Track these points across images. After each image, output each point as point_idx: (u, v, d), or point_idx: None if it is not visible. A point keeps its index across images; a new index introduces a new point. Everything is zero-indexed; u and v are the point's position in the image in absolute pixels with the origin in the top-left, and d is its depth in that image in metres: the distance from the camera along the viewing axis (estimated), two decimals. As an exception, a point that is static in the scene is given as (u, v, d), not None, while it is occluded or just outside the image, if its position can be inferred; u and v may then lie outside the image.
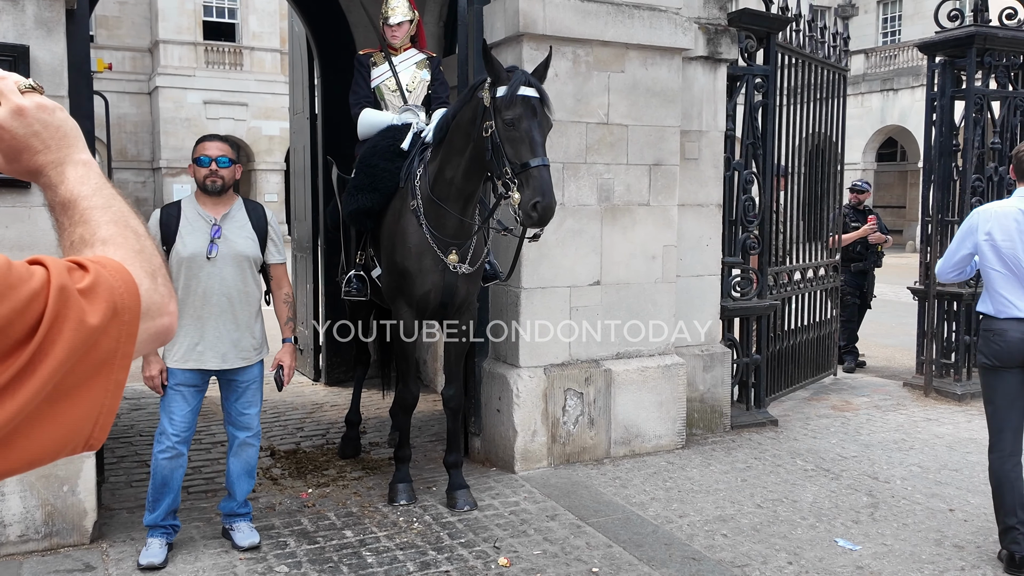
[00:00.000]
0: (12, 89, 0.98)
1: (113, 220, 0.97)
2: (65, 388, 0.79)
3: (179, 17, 29.50)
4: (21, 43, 3.83)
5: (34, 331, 0.77)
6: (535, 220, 3.83)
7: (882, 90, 28.57)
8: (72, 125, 1.02)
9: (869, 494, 4.99)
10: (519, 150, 3.87)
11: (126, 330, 0.85)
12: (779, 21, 6.38)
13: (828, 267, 7.90)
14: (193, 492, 4.92)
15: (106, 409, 0.84)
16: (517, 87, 3.90)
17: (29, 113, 0.98)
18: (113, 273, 0.86)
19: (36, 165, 1.00)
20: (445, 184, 4.36)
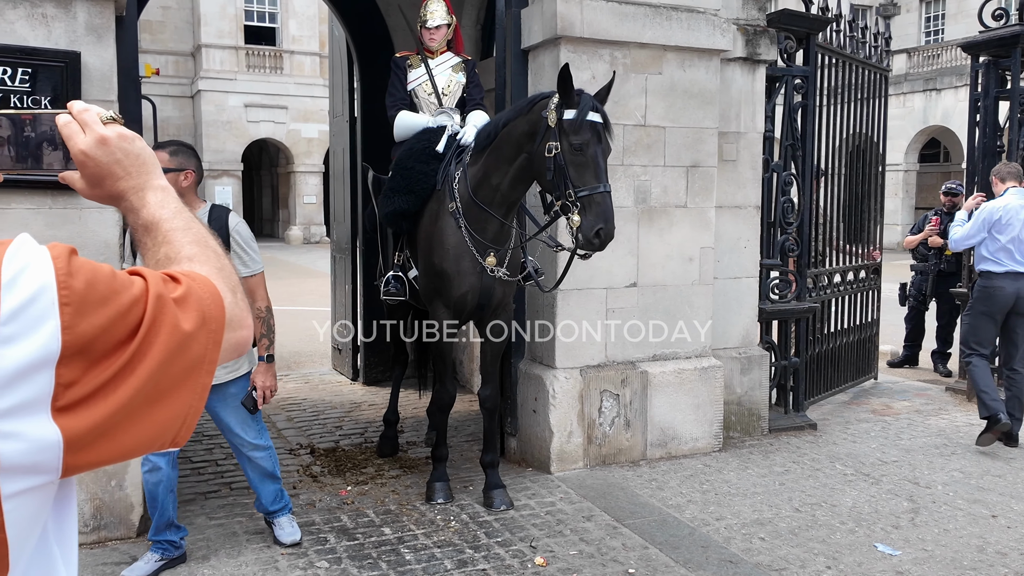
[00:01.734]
0: (95, 120, 1.05)
1: (194, 240, 1.05)
2: (161, 389, 0.86)
3: (221, 21, 30.01)
4: (73, 49, 3.94)
5: (134, 333, 0.83)
6: (596, 246, 3.94)
7: (925, 90, 28.10)
8: (149, 153, 1.09)
9: (910, 499, 4.93)
10: (584, 175, 3.93)
11: (213, 338, 0.92)
12: (819, 21, 6.33)
13: (868, 269, 7.81)
14: (236, 488, 5.02)
15: (193, 410, 0.91)
16: (586, 112, 3.94)
17: (112, 142, 1.05)
18: (201, 286, 0.93)
19: (118, 190, 1.07)
20: (490, 190, 4.40)
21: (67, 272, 0.81)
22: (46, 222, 3.88)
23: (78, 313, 0.80)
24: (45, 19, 3.93)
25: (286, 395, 7.43)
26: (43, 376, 0.78)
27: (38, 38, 3.90)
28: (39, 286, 0.79)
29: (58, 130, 1.06)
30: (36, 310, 0.78)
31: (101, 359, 0.81)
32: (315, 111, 30.13)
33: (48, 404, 0.78)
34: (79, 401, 0.80)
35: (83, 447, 0.81)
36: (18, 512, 0.80)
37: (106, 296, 0.83)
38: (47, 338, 0.78)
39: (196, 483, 5.12)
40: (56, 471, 0.81)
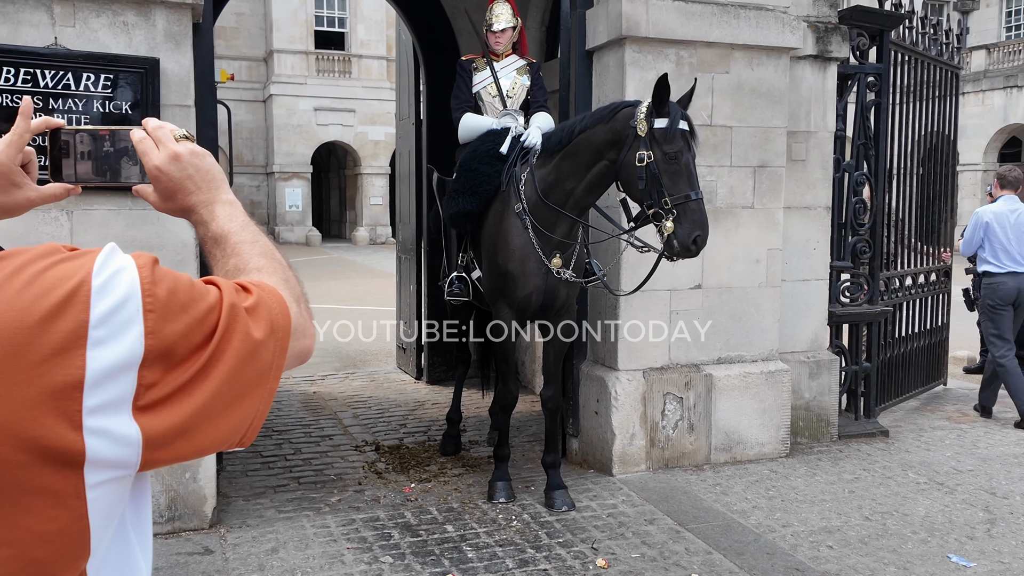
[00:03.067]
0: (169, 137, 1.11)
1: (262, 253, 1.10)
2: (234, 392, 0.90)
3: (292, 27, 30.70)
4: (152, 56, 4.09)
5: (210, 339, 0.88)
6: (693, 252, 4.00)
7: (1005, 87, 27.05)
8: (218, 169, 1.15)
9: (986, 510, 4.76)
10: (677, 183, 3.97)
11: (280, 345, 0.96)
12: (893, 18, 6.17)
13: (939, 272, 7.57)
14: (304, 483, 5.13)
15: (259, 413, 0.96)
16: (677, 121, 3.98)
17: (184, 158, 1.11)
18: (270, 296, 0.98)
19: (189, 204, 1.13)
20: (563, 194, 4.42)
21: (151, 280, 0.86)
22: (127, 223, 4.03)
23: (160, 319, 0.84)
24: (126, 27, 4.08)
25: (352, 392, 7.57)
26: (127, 377, 0.82)
27: (119, 45, 4.06)
28: (126, 293, 0.83)
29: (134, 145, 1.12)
30: (123, 315, 0.82)
31: (180, 363, 0.86)
32: (382, 114, 30.59)
33: (130, 404, 0.83)
34: (158, 402, 0.84)
35: (161, 445, 0.85)
36: (100, 501, 0.84)
37: (186, 304, 0.87)
38: (132, 342, 0.82)
39: (266, 477, 5.26)
40: (135, 466, 0.85)
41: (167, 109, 4.14)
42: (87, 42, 4.01)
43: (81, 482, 0.82)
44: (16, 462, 0.78)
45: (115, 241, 0.89)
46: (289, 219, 31.23)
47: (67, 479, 0.81)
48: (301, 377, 8.19)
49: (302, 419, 6.67)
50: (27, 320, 0.78)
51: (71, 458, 0.80)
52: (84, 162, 1.16)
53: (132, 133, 1.12)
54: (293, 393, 7.56)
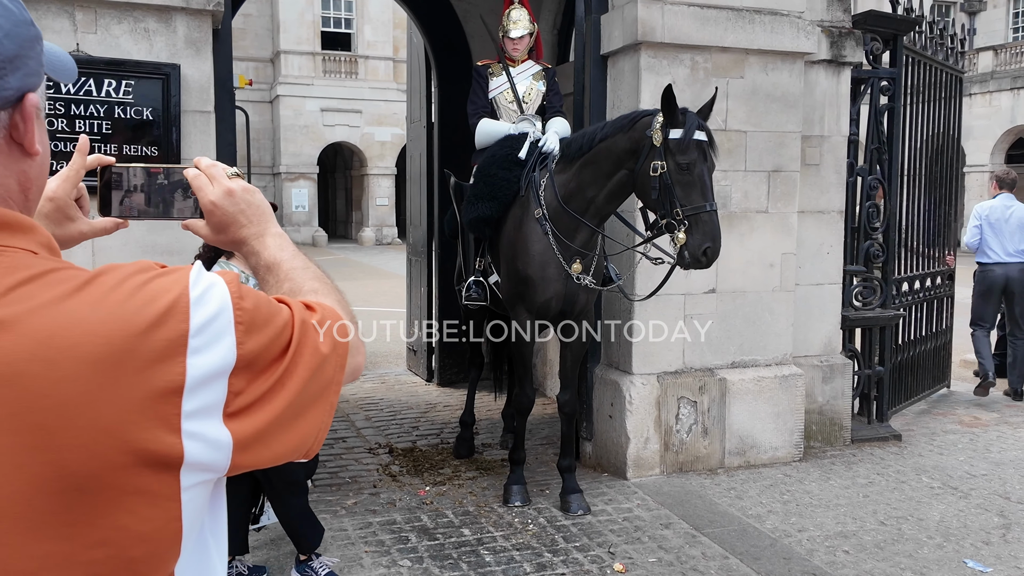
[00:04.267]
0: (222, 174, 1.17)
1: (314, 277, 1.16)
2: (304, 403, 0.95)
3: (299, 28, 30.75)
4: (173, 62, 4.12)
5: (286, 351, 0.93)
6: (703, 264, 4.01)
7: (1012, 88, 27.00)
8: (267, 204, 1.22)
9: (1001, 514, 4.77)
10: (690, 194, 3.97)
11: (340, 361, 1.01)
12: (906, 22, 6.18)
13: (944, 275, 7.59)
14: (320, 486, 5.15)
15: (324, 425, 1.01)
16: (692, 131, 3.97)
17: (237, 194, 1.17)
18: (331, 315, 1.04)
19: (240, 237, 1.19)
20: (584, 201, 4.44)
21: (239, 295, 0.91)
22: (147, 228, 4.04)
23: (248, 331, 0.90)
24: (147, 33, 4.11)
25: (364, 395, 7.59)
26: (220, 384, 0.88)
27: (140, 51, 4.09)
28: (220, 306, 0.89)
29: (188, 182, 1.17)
30: (218, 326, 0.88)
31: (261, 372, 0.91)
32: (388, 115, 30.63)
33: (221, 410, 0.88)
34: (245, 408, 0.90)
35: (247, 449, 0.90)
36: (192, 503, 0.89)
37: (268, 317, 0.93)
38: (226, 351, 0.88)
39: (281, 480, 5.27)
40: (224, 469, 0.91)
41: (188, 115, 4.17)
42: (109, 48, 4.04)
43: (177, 484, 0.86)
44: (119, 464, 0.82)
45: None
46: (295, 220, 31.27)
47: (164, 481, 0.85)
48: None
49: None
50: (132, 329, 0.83)
51: (170, 460, 0.84)
52: (136, 195, 1.20)
53: (187, 171, 1.18)
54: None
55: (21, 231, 0.90)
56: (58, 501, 0.81)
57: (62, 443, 0.80)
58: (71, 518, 0.82)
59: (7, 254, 0.86)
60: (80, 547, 0.82)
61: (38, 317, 0.81)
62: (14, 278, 0.84)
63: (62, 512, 0.81)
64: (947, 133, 7.42)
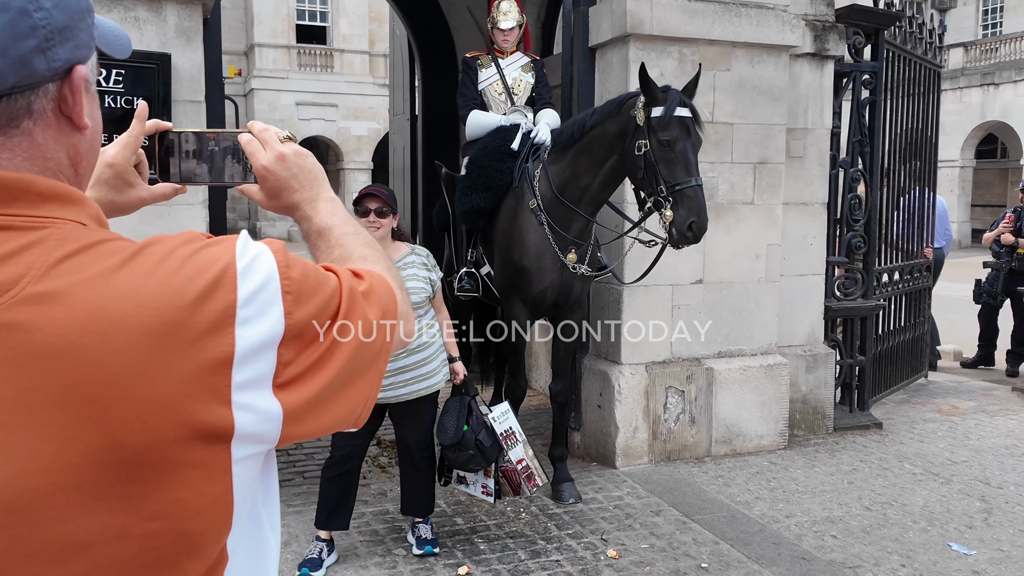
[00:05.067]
0: (275, 139, 1.16)
1: (365, 243, 1.15)
2: (354, 372, 0.94)
3: (274, 21, 30.47)
4: (164, 51, 4.09)
5: (334, 321, 0.92)
6: (690, 239, 3.98)
7: (982, 84, 27.46)
8: (320, 169, 1.20)
9: (982, 499, 4.88)
10: (674, 170, 3.97)
11: (390, 330, 1.01)
12: (888, 16, 6.27)
13: (922, 267, 7.73)
14: (309, 477, 5.15)
15: (372, 394, 1.00)
16: (673, 108, 3.98)
17: (289, 159, 1.15)
18: (380, 282, 1.03)
19: (293, 202, 1.18)
20: (579, 190, 4.45)
21: (286, 264, 0.90)
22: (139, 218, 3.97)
23: (296, 301, 0.89)
24: (137, 22, 4.08)
25: (349, 388, 7.55)
26: (269, 355, 0.86)
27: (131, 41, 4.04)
28: (267, 275, 0.88)
29: (241, 147, 1.16)
30: (266, 296, 0.87)
31: (310, 342, 0.90)
32: (364, 109, 30.46)
33: (271, 380, 0.87)
34: (295, 379, 0.88)
35: (296, 420, 0.89)
36: (243, 476, 0.88)
37: (315, 287, 0.92)
38: (274, 321, 0.87)
39: (270, 472, 5.26)
40: (274, 440, 0.90)
41: (178, 105, 4.14)
42: (99, 37, 3.99)
43: (228, 456, 0.85)
44: (173, 436, 0.81)
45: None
46: (270, 214, 30.98)
47: (217, 453, 0.84)
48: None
49: (301, 414, 6.67)
50: (182, 300, 0.82)
51: (221, 432, 0.84)
52: (188, 161, 1.20)
53: (240, 136, 1.16)
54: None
55: (71, 203, 0.89)
56: (113, 474, 0.80)
57: (116, 416, 0.79)
58: (127, 491, 0.81)
59: (57, 226, 0.85)
60: (136, 520, 0.82)
61: (89, 289, 0.81)
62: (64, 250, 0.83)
63: (117, 485, 0.81)
64: (925, 127, 7.54)
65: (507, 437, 4.06)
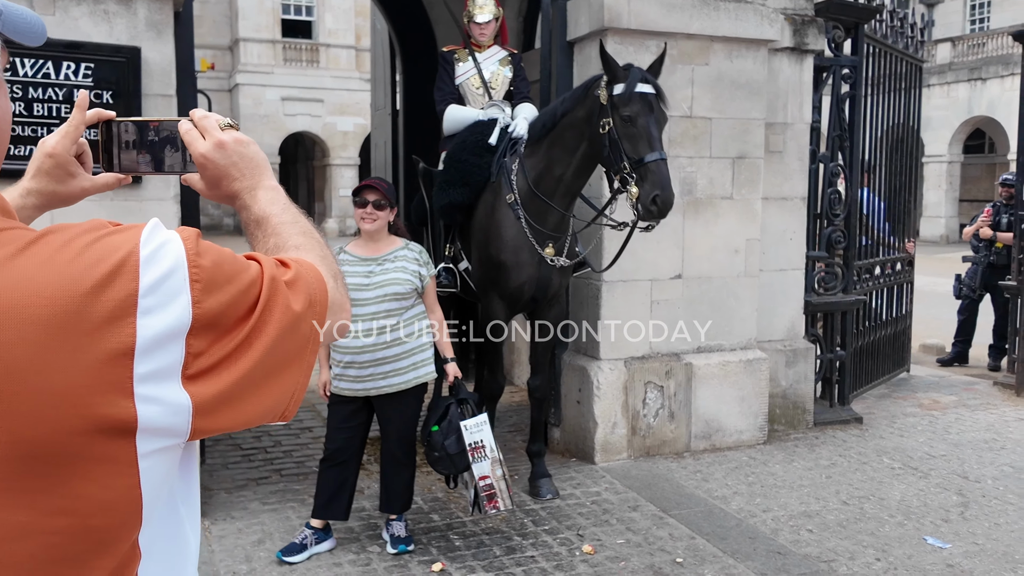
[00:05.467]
0: (215, 126, 1.14)
1: (301, 232, 1.12)
2: (275, 363, 0.92)
3: (258, 15, 30.30)
4: (134, 44, 4.04)
5: (252, 311, 0.90)
6: (655, 214, 3.94)
7: (969, 79, 27.54)
8: (262, 157, 1.17)
9: (959, 493, 4.89)
10: (637, 145, 3.95)
11: (318, 319, 0.98)
12: (868, 11, 6.27)
13: (904, 262, 7.75)
14: (286, 475, 5.12)
15: (300, 386, 0.97)
16: (634, 84, 3.97)
17: (229, 146, 1.13)
18: (308, 271, 1.00)
19: (233, 191, 1.15)
20: (553, 181, 4.43)
21: (196, 252, 0.88)
22: (108, 214, 3.95)
23: (206, 290, 0.86)
24: (107, 15, 4.03)
25: (330, 384, 7.52)
26: (176, 346, 0.84)
27: (100, 34, 4.00)
28: (173, 263, 0.85)
29: (180, 135, 1.14)
30: (171, 285, 0.84)
31: (225, 333, 0.88)
32: (350, 104, 30.33)
33: (179, 372, 0.85)
34: (206, 370, 0.86)
35: (209, 413, 0.87)
36: (152, 471, 0.86)
37: (230, 276, 0.89)
38: (180, 311, 0.84)
39: (247, 470, 5.23)
40: (185, 434, 0.87)
41: (149, 99, 4.09)
42: (68, 31, 3.95)
43: (134, 450, 0.83)
44: (74, 429, 0.79)
45: None
46: (258, 210, 30.88)
47: (121, 447, 0.82)
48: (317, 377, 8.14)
49: (281, 411, 6.63)
50: (79, 289, 0.80)
51: (124, 425, 0.82)
52: (129, 152, 1.17)
53: (180, 124, 1.14)
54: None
55: None
56: (13, 469, 0.79)
57: (13, 409, 0.77)
58: (29, 486, 0.80)
59: None
60: (39, 515, 0.81)
61: None
62: None
63: (18, 481, 0.79)
64: (907, 121, 7.55)
65: (474, 449, 3.94)
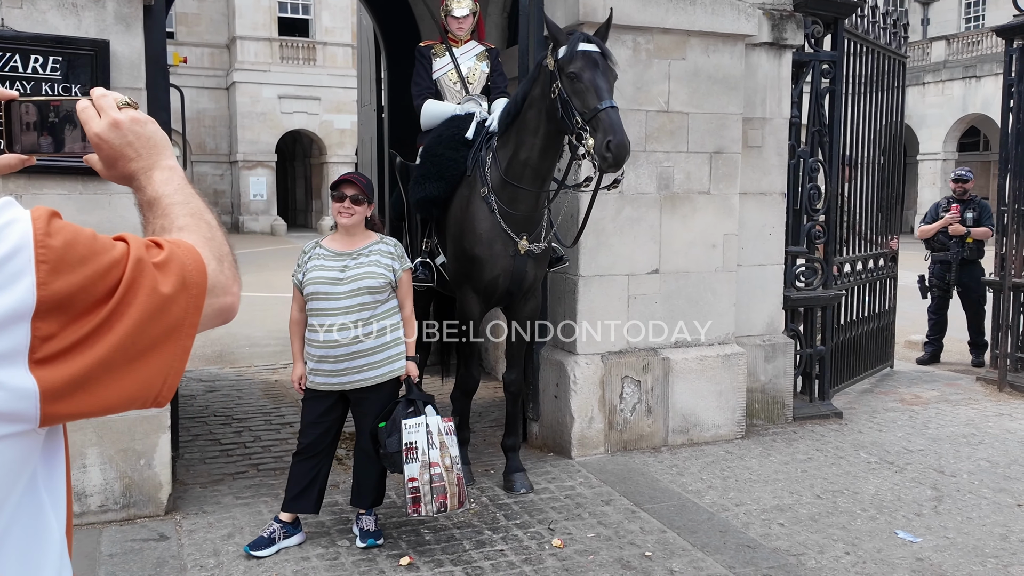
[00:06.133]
0: (112, 105, 1.12)
1: (190, 213, 1.10)
2: (139, 347, 0.90)
3: (255, 14, 30.28)
4: (102, 38, 4.04)
5: (112, 293, 0.88)
6: (610, 161, 3.85)
7: (964, 77, 27.53)
8: (162, 136, 1.15)
9: (934, 488, 4.89)
10: (585, 99, 3.95)
11: (194, 303, 0.96)
12: (847, 6, 6.26)
13: (887, 257, 7.75)
14: (263, 470, 5.12)
15: (174, 371, 0.95)
16: (577, 44, 4.01)
17: (124, 126, 1.11)
18: (185, 252, 0.98)
19: (129, 171, 1.14)
20: (520, 165, 4.43)
21: (45, 232, 0.85)
22: (77, 207, 3.98)
23: (54, 271, 0.84)
24: (75, 8, 4.02)
25: (314, 380, 7.52)
26: (20, 329, 0.82)
27: (69, 27, 4.00)
28: (17, 244, 0.83)
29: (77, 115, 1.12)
30: (13, 266, 0.82)
31: (79, 316, 0.86)
32: (347, 102, 30.26)
33: (25, 356, 0.83)
34: (56, 355, 0.84)
35: (60, 398, 0.85)
36: (2, 457, 0.84)
37: (85, 256, 0.87)
38: (23, 292, 0.82)
39: (225, 464, 5.24)
40: (34, 420, 0.85)
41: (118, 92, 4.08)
42: (35, 24, 3.95)
43: None
44: None
45: None
46: (253, 208, 30.90)
47: None
48: (263, 365, 8.15)
49: (263, 407, 6.64)
50: None
51: None
52: (30, 132, 1.15)
53: (78, 103, 1.12)
54: (254, 381, 7.52)
55: None
56: None
57: None
58: None
59: None
60: None
61: None
62: None
63: None
64: (890, 117, 7.55)
65: (408, 450, 3.85)
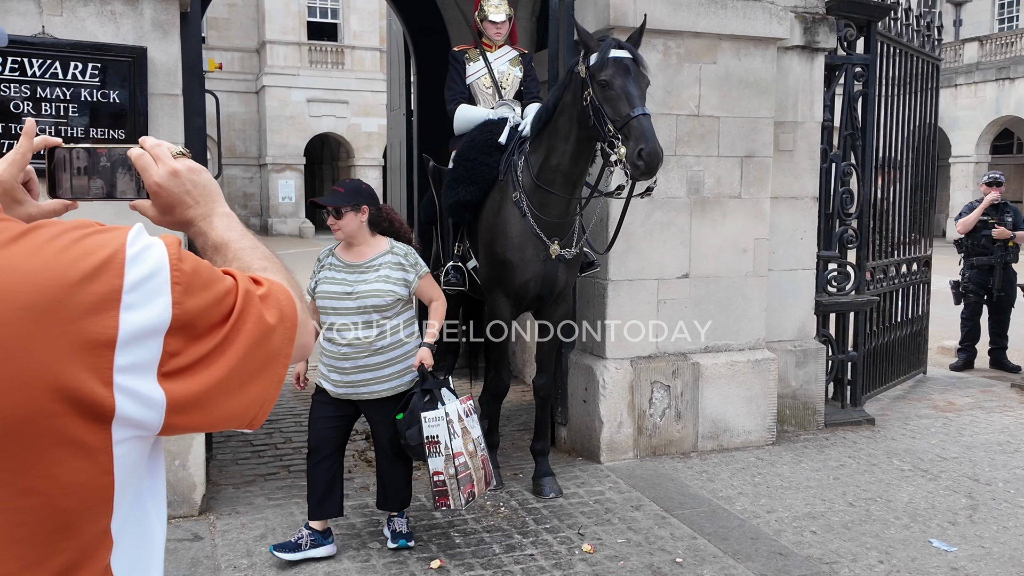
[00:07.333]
0: (167, 154, 1.16)
1: (263, 256, 1.17)
2: (247, 371, 0.96)
3: (285, 18, 30.60)
4: (140, 45, 4.10)
5: (227, 318, 0.95)
6: (642, 169, 3.83)
7: (997, 79, 27.13)
8: (215, 184, 1.21)
9: (969, 496, 4.82)
10: (617, 107, 3.94)
11: (288, 335, 1.02)
12: (880, 8, 6.20)
13: (920, 262, 7.65)
14: (294, 471, 5.16)
15: (269, 397, 1.01)
16: (608, 50, 4.00)
17: (182, 175, 1.16)
18: (279, 289, 1.05)
19: (187, 218, 1.19)
20: (551, 170, 4.43)
21: (178, 257, 0.93)
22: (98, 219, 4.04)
23: (185, 293, 0.91)
24: (114, 16, 4.09)
25: (343, 383, 7.57)
26: (154, 343, 0.89)
27: (107, 34, 4.07)
28: (156, 265, 0.90)
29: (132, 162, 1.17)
30: (153, 284, 0.89)
31: (201, 336, 0.93)
32: (375, 105, 30.50)
33: (156, 368, 0.89)
34: (181, 370, 0.91)
35: (180, 411, 0.92)
36: (124, 459, 0.90)
37: (207, 282, 0.94)
38: (160, 309, 0.89)
39: (256, 465, 5.29)
40: (157, 428, 0.92)
41: (155, 98, 4.15)
42: (75, 31, 4.02)
43: (108, 437, 0.88)
44: (50, 411, 0.83)
45: None
46: (282, 211, 31.18)
47: (96, 433, 0.87)
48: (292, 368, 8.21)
49: (293, 408, 6.69)
50: (65, 280, 0.84)
51: (101, 412, 0.86)
52: (80, 177, 1.19)
53: (130, 151, 1.17)
54: (285, 384, 7.57)
55: None
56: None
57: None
58: (3, 464, 0.83)
59: None
60: (9, 494, 0.84)
61: None
62: None
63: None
64: (923, 120, 7.46)
65: (430, 444, 3.85)
